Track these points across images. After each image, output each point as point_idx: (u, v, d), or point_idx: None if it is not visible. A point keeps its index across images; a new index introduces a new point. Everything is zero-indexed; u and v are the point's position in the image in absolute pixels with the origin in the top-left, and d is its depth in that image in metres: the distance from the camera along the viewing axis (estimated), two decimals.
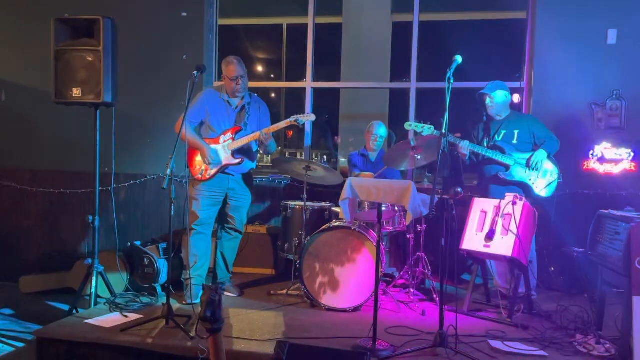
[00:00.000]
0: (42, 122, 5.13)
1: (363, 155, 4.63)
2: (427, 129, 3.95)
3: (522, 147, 3.94)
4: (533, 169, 3.85)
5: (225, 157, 3.83)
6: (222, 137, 3.84)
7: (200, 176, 3.81)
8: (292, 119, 3.89)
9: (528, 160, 3.86)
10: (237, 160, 3.83)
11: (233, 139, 3.84)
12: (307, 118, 3.95)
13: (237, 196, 3.96)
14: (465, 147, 3.87)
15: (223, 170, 3.84)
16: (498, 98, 4.01)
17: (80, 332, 3.06)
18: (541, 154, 3.84)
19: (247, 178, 4.02)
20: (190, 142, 3.78)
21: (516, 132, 3.97)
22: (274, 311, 3.61)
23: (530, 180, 3.87)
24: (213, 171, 3.81)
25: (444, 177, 3.02)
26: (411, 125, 4.02)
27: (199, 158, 3.82)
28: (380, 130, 4.54)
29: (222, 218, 4.02)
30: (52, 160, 5.15)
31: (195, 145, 3.80)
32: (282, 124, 3.90)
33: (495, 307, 3.71)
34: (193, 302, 3.64)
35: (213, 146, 3.82)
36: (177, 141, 3.23)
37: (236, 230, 4.04)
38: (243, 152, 3.89)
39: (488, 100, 4.03)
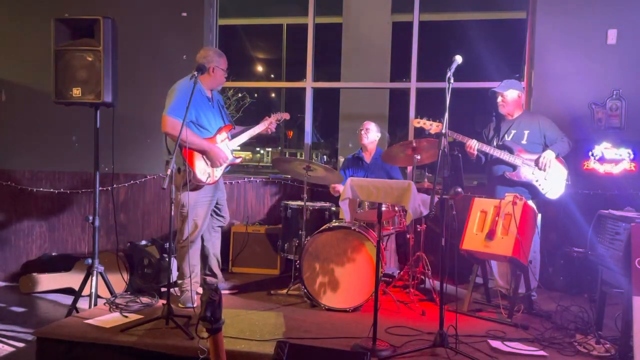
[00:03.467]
0: (42, 122, 5.13)
1: (358, 157, 4.64)
2: (436, 127, 3.92)
3: (532, 147, 3.91)
4: (540, 170, 3.83)
5: (229, 158, 3.71)
6: (218, 136, 3.67)
7: (208, 181, 3.57)
8: (270, 121, 3.93)
9: (536, 160, 3.85)
10: (239, 160, 3.81)
11: (229, 138, 3.76)
12: (282, 116, 3.98)
13: (222, 194, 3.92)
14: (473, 145, 3.86)
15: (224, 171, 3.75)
16: (509, 97, 3.99)
17: (80, 332, 3.05)
18: (549, 154, 3.82)
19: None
20: (193, 144, 3.48)
21: (526, 132, 3.94)
22: (274, 311, 3.60)
23: (537, 181, 3.85)
24: (219, 173, 3.65)
25: (444, 177, 3.02)
26: (419, 122, 3.99)
27: (200, 161, 3.55)
28: (369, 125, 4.56)
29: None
30: (52, 160, 5.16)
31: (201, 147, 3.52)
32: (262, 127, 3.90)
33: (495, 307, 3.71)
34: (192, 306, 3.56)
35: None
36: (177, 141, 3.22)
37: (223, 223, 3.98)
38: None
39: (499, 99, 4.01)
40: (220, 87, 3.84)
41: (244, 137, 3.82)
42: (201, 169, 3.55)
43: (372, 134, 4.56)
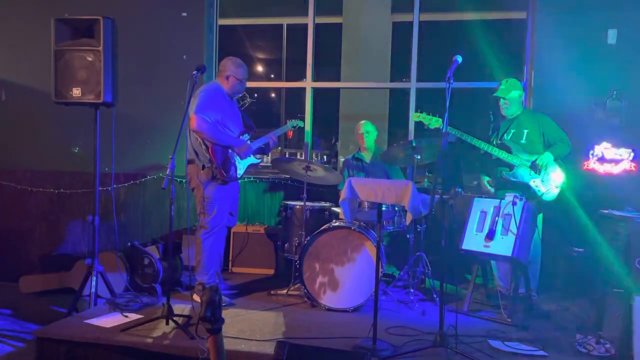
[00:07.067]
0: (42, 122, 5.12)
1: (357, 159, 4.64)
2: (435, 122, 3.91)
3: (531, 147, 3.90)
4: (537, 172, 3.83)
5: (252, 157, 3.92)
6: (242, 137, 3.85)
7: (232, 176, 3.75)
8: (289, 126, 4.17)
9: (533, 162, 3.83)
10: (259, 161, 3.94)
11: (251, 140, 3.89)
12: (297, 123, 4.24)
13: (238, 193, 4.01)
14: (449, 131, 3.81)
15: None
16: (512, 99, 3.97)
17: (80, 332, 3.06)
18: (548, 157, 3.81)
19: None
20: (221, 141, 3.65)
21: (525, 131, 3.93)
22: (274, 311, 3.61)
23: (534, 182, 3.84)
24: (242, 172, 3.83)
25: (444, 177, 3.02)
26: (419, 116, 3.97)
27: (226, 158, 3.71)
28: (366, 126, 4.56)
29: None
30: (52, 160, 5.15)
31: (228, 143, 3.70)
32: (280, 132, 4.08)
33: (495, 307, 3.71)
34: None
35: None
36: (178, 141, 3.22)
37: (232, 223, 4.06)
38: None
39: (502, 101, 3.98)
40: (239, 94, 3.95)
41: (263, 139, 3.96)
42: (226, 165, 3.70)
43: (372, 134, 4.56)
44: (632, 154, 4.26)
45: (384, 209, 3.64)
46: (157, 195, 5.03)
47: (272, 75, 9.06)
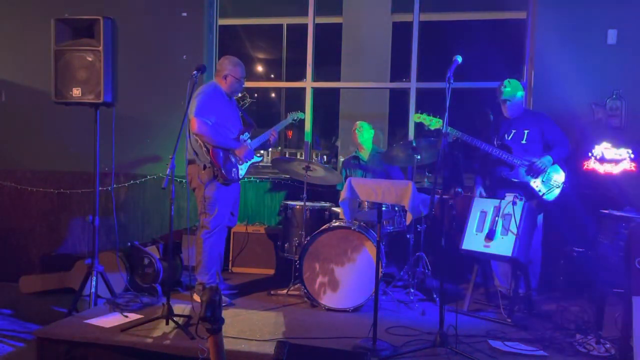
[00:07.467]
0: (42, 122, 5.12)
1: (355, 157, 4.65)
2: (435, 123, 3.90)
3: (532, 147, 3.89)
4: (535, 174, 3.83)
5: (253, 156, 3.92)
6: (241, 136, 3.86)
7: (234, 177, 3.73)
8: (290, 119, 4.17)
9: (532, 164, 3.83)
10: (261, 159, 3.98)
11: (250, 139, 3.90)
12: (297, 116, 4.29)
13: (238, 193, 4.01)
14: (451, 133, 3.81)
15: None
16: (517, 99, 3.95)
17: (80, 332, 3.06)
18: (547, 159, 3.82)
19: None
20: (221, 143, 3.65)
21: (526, 131, 3.93)
22: (274, 311, 3.61)
23: (534, 183, 3.85)
24: (244, 171, 3.84)
25: (444, 177, 3.02)
26: (419, 117, 3.97)
27: (226, 159, 3.71)
28: (360, 124, 4.60)
29: None
30: (52, 160, 5.15)
31: (228, 146, 3.71)
32: (281, 126, 4.07)
33: (495, 307, 3.71)
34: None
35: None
36: (178, 141, 3.22)
37: (232, 223, 4.04)
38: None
39: (508, 103, 3.96)
40: (237, 93, 3.96)
41: (264, 137, 3.98)
42: (227, 166, 3.69)
43: (366, 132, 4.58)
44: (632, 154, 4.27)
45: (384, 209, 3.64)
46: (157, 195, 5.03)
47: (272, 75, 9.06)
